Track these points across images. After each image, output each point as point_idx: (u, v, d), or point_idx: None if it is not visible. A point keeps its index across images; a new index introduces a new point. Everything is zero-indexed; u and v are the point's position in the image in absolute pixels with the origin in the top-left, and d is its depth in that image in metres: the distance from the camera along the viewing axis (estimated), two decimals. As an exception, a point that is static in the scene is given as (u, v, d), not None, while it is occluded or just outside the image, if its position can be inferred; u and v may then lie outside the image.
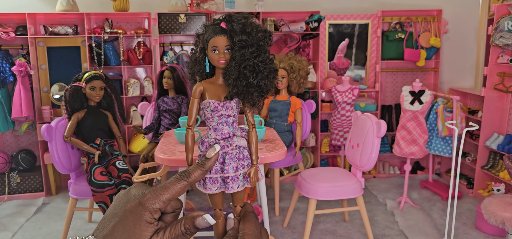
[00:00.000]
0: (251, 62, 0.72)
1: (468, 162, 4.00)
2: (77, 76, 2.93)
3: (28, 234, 3.19)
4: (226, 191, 0.74)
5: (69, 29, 3.87)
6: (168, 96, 3.43)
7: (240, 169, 0.74)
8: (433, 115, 3.76)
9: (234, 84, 0.73)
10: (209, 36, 0.76)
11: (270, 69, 0.75)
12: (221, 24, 0.75)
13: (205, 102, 0.76)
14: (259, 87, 0.74)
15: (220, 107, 0.75)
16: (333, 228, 3.22)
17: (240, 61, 0.73)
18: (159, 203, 0.52)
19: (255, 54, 0.73)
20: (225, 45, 0.74)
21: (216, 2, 3.99)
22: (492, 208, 2.74)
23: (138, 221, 0.50)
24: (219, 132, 0.75)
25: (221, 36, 0.74)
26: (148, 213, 0.51)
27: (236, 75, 0.73)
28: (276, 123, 3.47)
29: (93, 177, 2.68)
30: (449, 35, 4.45)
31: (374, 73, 4.40)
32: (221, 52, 0.74)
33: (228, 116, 0.76)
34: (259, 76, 0.73)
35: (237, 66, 0.73)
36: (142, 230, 0.50)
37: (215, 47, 0.75)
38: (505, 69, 3.53)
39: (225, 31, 0.75)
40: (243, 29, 0.73)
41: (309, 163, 4.42)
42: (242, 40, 0.73)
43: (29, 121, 3.88)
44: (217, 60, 0.75)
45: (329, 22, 4.28)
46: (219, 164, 0.74)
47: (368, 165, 2.71)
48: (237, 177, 0.74)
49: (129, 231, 0.49)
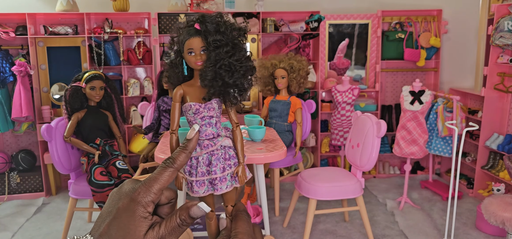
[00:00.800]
0: (227, 62, 0.72)
1: (468, 162, 4.00)
2: (77, 76, 2.92)
3: (28, 234, 3.19)
4: (214, 192, 0.74)
5: (69, 29, 3.87)
6: (168, 96, 3.43)
7: (227, 169, 0.74)
8: (433, 115, 3.76)
9: (210, 85, 0.73)
10: (184, 38, 0.75)
11: (247, 67, 0.74)
12: (195, 25, 0.74)
13: (187, 105, 0.75)
14: (236, 86, 0.74)
15: (201, 109, 0.75)
16: (333, 228, 3.22)
17: (215, 61, 0.72)
18: (151, 196, 0.52)
19: (230, 53, 0.72)
20: (201, 47, 0.73)
21: (216, 2, 3.99)
22: (492, 208, 2.74)
23: (132, 217, 0.50)
24: (203, 133, 0.75)
25: (196, 37, 0.74)
26: (141, 208, 0.51)
27: (212, 76, 0.72)
28: (276, 123, 3.47)
29: (93, 177, 2.68)
30: (449, 35, 4.45)
31: (374, 73, 4.40)
32: (197, 54, 0.74)
33: (211, 117, 0.75)
34: (235, 75, 0.73)
35: (213, 67, 0.72)
36: (137, 225, 0.50)
37: (191, 49, 0.74)
38: (505, 69, 3.53)
39: (199, 32, 0.74)
40: (217, 28, 0.73)
41: (309, 163, 4.42)
42: (217, 40, 0.72)
43: (29, 120, 3.88)
44: (194, 62, 0.74)
45: (329, 22, 4.28)
46: (205, 166, 0.74)
47: (368, 165, 2.71)
48: (225, 177, 0.74)
49: (124, 228, 0.49)
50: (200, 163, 0.74)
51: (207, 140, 0.75)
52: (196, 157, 0.75)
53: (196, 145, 0.59)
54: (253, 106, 4.37)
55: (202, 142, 0.75)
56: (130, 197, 0.51)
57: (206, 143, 0.75)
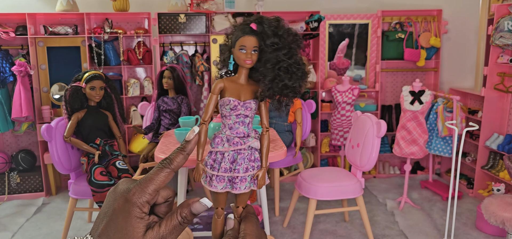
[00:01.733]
0: (286, 64, 0.73)
1: (468, 162, 4.00)
2: (77, 76, 2.92)
3: (28, 234, 3.19)
4: (232, 191, 0.74)
5: (69, 29, 3.87)
6: (168, 96, 3.43)
7: (250, 170, 0.74)
8: (433, 115, 3.76)
9: (269, 86, 0.74)
10: (238, 36, 0.76)
11: (303, 70, 0.75)
12: (251, 25, 0.75)
13: (225, 100, 0.76)
14: (294, 89, 0.75)
15: (239, 106, 0.75)
16: (333, 228, 3.22)
17: (275, 62, 0.73)
18: (146, 196, 0.51)
19: (288, 56, 0.73)
20: (254, 46, 0.74)
21: (216, 2, 3.99)
22: (492, 208, 2.74)
23: (128, 218, 0.49)
24: (234, 131, 0.75)
25: (251, 36, 0.74)
26: (137, 208, 0.50)
27: (272, 76, 0.73)
28: (276, 123, 3.47)
29: (93, 177, 2.68)
30: (449, 35, 4.45)
31: (374, 73, 4.40)
32: (248, 52, 0.74)
33: (246, 117, 0.76)
34: (294, 78, 0.74)
35: (272, 68, 0.73)
36: (134, 226, 0.49)
37: (243, 46, 0.75)
38: (505, 69, 3.53)
39: (255, 32, 0.75)
40: (275, 31, 0.73)
41: (309, 163, 4.42)
42: (275, 43, 0.73)
43: (29, 120, 3.88)
44: (244, 59, 0.75)
45: (329, 22, 4.28)
46: (229, 162, 0.74)
47: (368, 165, 2.71)
48: (245, 178, 0.74)
49: (121, 229, 0.49)
50: (225, 158, 0.74)
51: (237, 138, 0.75)
52: (222, 152, 0.75)
53: (194, 147, 0.59)
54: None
55: (232, 139, 0.75)
56: (125, 198, 0.50)
57: (236, 140, 0.75)
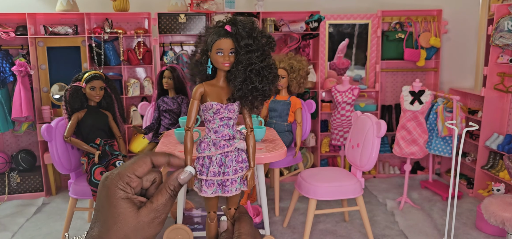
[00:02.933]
0: (258, 67, 0.72)
1: (468, 162, 4.00)
2: (77, 76, 2.92)
3: (28, 234, 3.19)
4: (223, 194, 0.74)
5: (69, 29, 3.87)
6: (168, 96, 3.43)
7: (239, 171, 0.74)
8: (433, 115, 3.76)
9: (239, 87, 0.73)
10: (214, 39, 0.76)
11: (274, 74, 0.75)
12: (226, 27, 0.75)
13: (207, 104, 0.76)
14: (263, 92, 0.75)
15: (222, 110, 0.75)
16: (333, 228, 3.22)
17: (247, 64, 0.73)
18: (124, 178, 0.53)
19: (260, 59, 0.73)
20: (230, 48, 0.74)
21: (216, 2, 3.99)
22: (492, 208, 2.74)
23: (113, 201, 0.51)
24: (219, 134, 0.75)
25: (227, 39, 0.74)
26: (119, 191, 0.52)
27: (242, 78, 0.73)
28: (276, 123, 3.47)
29: (93, 177, 2.68)
30: (449, 35, 4.45)
31: (374, 73, 4.40)
32: (226, 54, 0.74)
33: (229, 119, 0.75)
34: (264, 81, 0.74)
35: (244, 70, 0.73)
36: (123, 207, 0.51)
37: (220, 49, 0.75)
38: (505, 69, 3.53)
39: (230, 34, 0.75)
40: (249, 33, 0.73)
41: (309, 163, 4.42)
42: (249, 44, 0.73)
43: (29, 120, 3.88)
44: (222, 62, 0.75)
45: (329, 22, 4.28)
46: (218, 166, 0.74)
47: (368, 165, 2.71)
48: (235, 179, 0.74)
49: (113, 215, 0.51)
50: (213, 162, 0.74)
51: (223, 141, 0.75)
52: (209, 156, 0.75)
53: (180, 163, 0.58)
54: (253, 106, 4.37)
55: (218, 142, 0.75)
56: (104, 185, 0.53)
57: (222, 143, 0.75)
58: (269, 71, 0.75)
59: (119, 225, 0.50)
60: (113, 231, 0.50)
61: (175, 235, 2.62)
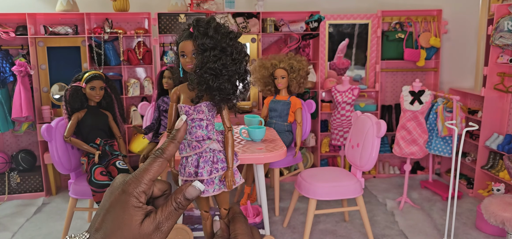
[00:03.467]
0: (212, 66, 0.72)
1: (468, 162, 4.00)
2: (77, 76, 2.92)
3: (28, 234, 3.19)
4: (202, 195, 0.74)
5: (69, 29, 3.87)
6: (168, 96, 3.43)
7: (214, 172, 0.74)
8: (433, 115, 3.76)
9: (196, 89, 0.74)
10: (179, 41, 0.76)
11: (233, 72, 0.74)
12: (190, 28, 0.75)
13: (179, 106, 0.76)
14: (220, 91, 0.74)
15: (191, 111, 0.75)
16: (333, 228, 3.22)
17: (201, 64, 0.72)
18: (142, 186, 0.53)
19: (216, 57, 0.72)
20: (192, 50, 0.74)
21: (216, 2, 3.99)
22: (492, 208, 2.74)
23: (125, 207, 0.51)
24: (193, 135, 0.75)
25: (188, 41, 0.74)
26: (134, 198, 0.52)
27: (198, 79, 0.73)
28: (276, 122, 3.47)
29: (93, 177, 2.68)
30: (449, 35, 4.45)
31: (374, 73, 4.40)
32: (188, 57, 0.74)
33: (201, 120, 0.75)
34: (220, 80, 0.72)
35: (198, 71, 0.73)
36: (132, 215, 0.51)
37: (182, 52, 0.75)
38: (505, 69, 3.53)
39: (191, 36, 0.75)
40: (205, 32, 0.73)
41: (309, 163, 4.42)
42: (204, 43, 0.72)
43: (29, 121, 3.88)
44: (185, 65, 0.75)
45: (329, 22, 4.28)
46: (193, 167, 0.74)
47: (368, 165, 2.71)
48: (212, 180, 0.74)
49: (118, 219, 0.51)
50: (188, 163, 0.74)
51: (195, 142, 0.75)
52: (185, 156, 0.75)
53: (185, 133, 0.59)
54: (253, 106, 4.38)
55: (191, 143, 0.75)
56: (121, 189, 0.52)
57: (194, 144, 0.75)
58: (226, 70, 0.74)
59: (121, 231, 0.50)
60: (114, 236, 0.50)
61: (175, 235, 2.62)
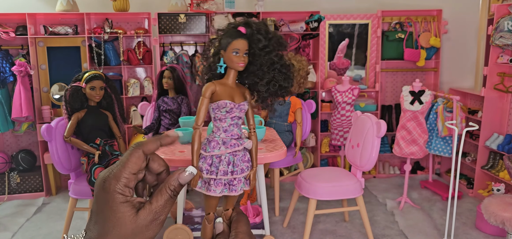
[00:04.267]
0: (278, 66, 0.73)
1: (468, 162, 4.00)
2: (77, 76, 2.92)
3: (28, 234, 3.19)
4: (230, 193, 0.74)
5: (69, 29, 3.87)
6: (168, 96, 3.43)
7: (245, 171, 0.74)
8: (433, 115, 3.76)
9: (267, 88, 0.74)
10: (229, 40, 0.76)
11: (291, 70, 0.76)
12: (240, 28, 0.75)
13: (220, 103, 0.75)
14: (286, 89, 0.76)
15: (235, 109, 0.75)
16: (333, 228, 3.22)
17: (270, 64, 0.73)
18: (123, 180, 0.52)
19: (278, 58, 0.74)
20: (246, 49, 0.74)
21: (216, 2, 3.99)
22: (492, 208, 2.74)
23: (112, 206, 0.50)
24: (229, 133, 0.75)
25: (243, 40, 0.75)
26: (118, 195, 0.51)
27: (269, 78, 0.73)
28: (276, 123, 3.47)
29: (93, 177, 2.68)
30: (449, 35, 4.45)
31: (374, 73, 4.40)
32: (241, 55, 0.74)
33: (239, 118, 0.76)
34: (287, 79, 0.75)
35: (268, 70, 0.74)
36: (122, 211, 0.50)
37: (237, 49, 0.75)
38: (505, 69, 3.53)
39: (244, 36, 0.75)
40: (266, 35, 0.74)
41: (309, 163, 4.42)
42: (266, 45, 0.74)
43: (29, 121, 3.88)
44: (237, 62, 0.75)
45: (329, 22, 4.28)
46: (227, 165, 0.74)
47: (368, 165, 2.71)
48: (241, 179, 0.74)
49: (110, 219, 0.50)
50: (223, 161, 0.74)
51: (233, 140, 0.75)
52: (218, 155, 0.75)
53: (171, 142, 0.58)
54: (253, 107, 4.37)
55: (229, 141, 0.75)
56: (103, 190, 0.52)
57: (233, 142, 0.75)
58: (288, 68, 0.76)
59: (117, 229, 0.50)
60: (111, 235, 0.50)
61: (175, 235, 2.62)
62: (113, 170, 0.53)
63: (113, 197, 0.51)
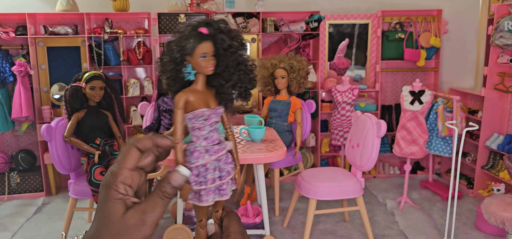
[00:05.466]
0: (243, 66, 0.71)
1: (468, 162, 3.99)
2: (77, 76, 2.92)
3: (28, 234, 3.19)
4: (221, 198, 0.73)
5: (69, 29, 3.86)
6: (168, 96, 3.43)
7: (231, 172, 0.73)
8: (433, 115, 3.76)
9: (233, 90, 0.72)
10: (194, 44, 0.73)
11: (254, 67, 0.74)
12: (201, 29, 0.72)
13: (197, 112, 0.73)
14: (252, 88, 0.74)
15: (212, 115, 0.73)
16: (333, 228, 3.22)
17: (236, 65, 0.71)
18: (119, 178, 0.52)
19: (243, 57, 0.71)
20: (212, 51, 0.72)
21: (216, 2, 3.99)
22: (492, 208, 2.74)
23: (106, 201, 0.51)
24: (210, 140, 0.73)
25: (208, 42, 0.72)
26: (113, 191, 0.51)
27: (236, 80, 0.71)
28: (276, 123, 3.47)
29: (93, 177, 2.68)
30: (449, 35, 4.45)
31: (374, 73, 4.40)
32: (209, 59, 0.72)
33: (216, 123, 0.74)
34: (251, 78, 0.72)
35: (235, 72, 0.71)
36: (113, 208, 0.50)
37: (204, 53, 0.73)
38: (505, 69, 3.53)
39: (209, 37, 0.72)
40: (229, 34, 0.71)
41: (309, 163, 4.42)
42: (231, 45, 0.71)
43: (29, 121, 3.88)
44: (206, 66, 0.73)
45: (329, 22, 4.28)
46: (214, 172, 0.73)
47: (368, 165, 2.71)
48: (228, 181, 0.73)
49: (102, 213, 0.51)
50: (209, 169, 0.73)
51: (216, 146, 0.73)
52: (204, 164, 0.73)
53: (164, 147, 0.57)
54: (253, 106, 4.38)
55: (211, 148, 0.73)
56: (104, 186, 0.52)
57: (215, 148, 0.73)
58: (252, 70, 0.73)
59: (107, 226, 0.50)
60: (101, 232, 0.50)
61: (175, 235, 2.62)
62: (112, 167, 0.53)
63: (109, 193, 0.51)
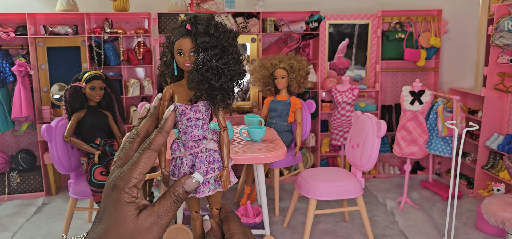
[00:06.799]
0: (214, 65, 0.71)
1: (468, 162, 4.00)
2: (77, 76, 2.92)
3: (28, 234, 3.19)
4: (196, 195, 0.73)
5: (69, 29, 3.86)
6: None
7: (211, 172, 0.73)
8: (433, 115, 3.76)
9: (196, 88, 0.72)
10: (175, 39, 0.74)
11: (234, 71, 0.73)
12: (187, 25, 0.73)
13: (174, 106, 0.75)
14: (223, 90, 0.73)
15: (187, 111, 0.74)
16: (333, 228, 3.22)
17: (203, 63, 0.71)
18: (133, 181, 0.52)
19: (218, 56, 0.71)
20: (190, 48, 0.73)
21: (216, 2, 3.99)
22: (492, 208, 2.74)
23: (118, 204, 0.51)
24: (188, 135, 0.74)
25: (186, 38, 0.73)
26: (125, 194, 0.51)
27: (198, 78, 0.71)
28: (276, 123, 3.47)
29: (93, 177, 2.68)
30: (449, 35, 4.45)
31: (374, 73, 4.40)
32: (186, 55, 0.73)
33: (197, 119, 0.74)
34: (222, 79, 0.72)
35: (200, 69, 0.71)
36: (125, 211, 0.51)
37: (180, 50, 0.74)
38: (505, 69, 3.53)
39: (190, 33, 0.73)
40: (206, 30, 0.72)
41: (309, 163, 4.42)
42: (205, 42, 0.71)
43: (29, 121, 3.88)
44: (183, 63, 0.74)
45: (329, 22, 4.28)
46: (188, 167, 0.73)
47: (368, 165, 2.71)
48: (208, 180, 0.73)
49: (112, 216, 0.51)
50: (183, 163, 0.74)
51: (192, 141, 0.74)
52: (180, 157, 0.74)
53: (173, 124, 0.58)
54: (253, 106, 4.38)
55: (187, 143, 0.74)
56: (113, 185, 0.52)
57: (190, 144, 0.74)
58: (228, 69, 0.72)
59: (118, 228, 0.50)
60: (111, 234, 0.50)
61: (175, 235, 2.62)
62: (124, 170, 0.53)
63: (120, 196, 0.51)
